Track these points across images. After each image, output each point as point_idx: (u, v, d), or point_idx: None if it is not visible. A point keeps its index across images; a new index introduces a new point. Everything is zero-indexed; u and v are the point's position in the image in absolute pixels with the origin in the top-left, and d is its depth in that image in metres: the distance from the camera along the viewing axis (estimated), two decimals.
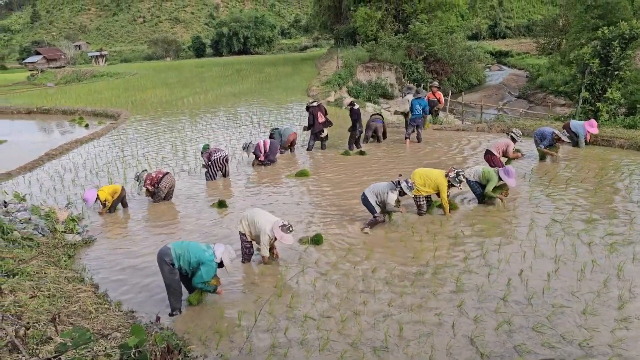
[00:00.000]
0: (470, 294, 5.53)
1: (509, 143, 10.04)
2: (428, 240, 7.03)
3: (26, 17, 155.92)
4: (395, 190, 7.38)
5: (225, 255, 5.51)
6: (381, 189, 7.48)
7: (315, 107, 12.91)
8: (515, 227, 7.36)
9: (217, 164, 10.81)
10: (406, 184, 7.34)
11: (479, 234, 7.21)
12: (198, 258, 5.38)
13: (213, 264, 5.41)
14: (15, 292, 4.97)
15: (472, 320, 5.01)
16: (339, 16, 45.11)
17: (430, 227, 7.55)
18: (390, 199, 7.37)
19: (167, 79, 37.97)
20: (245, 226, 6.55)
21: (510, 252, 6.48)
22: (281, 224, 6.28)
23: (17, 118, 25.65)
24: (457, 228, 7.48)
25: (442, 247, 6.78)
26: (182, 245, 5.51)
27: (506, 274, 5.94)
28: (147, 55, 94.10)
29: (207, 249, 5.49)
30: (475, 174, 8.45)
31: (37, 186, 11.03)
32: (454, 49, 32.47)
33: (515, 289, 5.57)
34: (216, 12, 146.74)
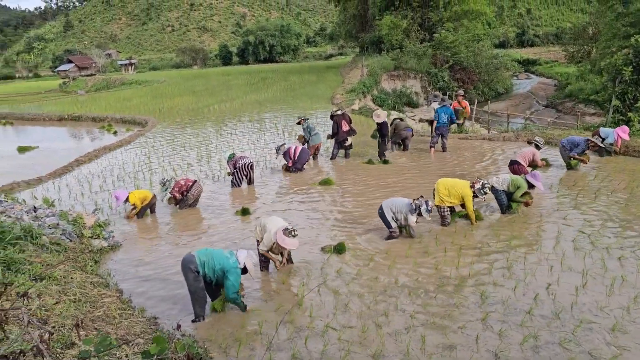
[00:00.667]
0: (495, 307, 5.41)
1: (535, 151, 9.89)
2: (452, 251, 6.93)
3: (59, 26, 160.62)
4: (414, 212, 7.26)
5: (248, 261, 5.52)
6: (399, 207, 7.37)
7: (339, 115, 12.92)
8: (542, 239, 7.20)
9: (242, 170, 10.89)
10: (425, 207, 7.17)
11: (504, 245, 7.07)
12: (222, 265, 5.41)
13: (237, 270, 5.42)
14: (42, 296, 5.06)
15: (497, 335, 4.90)
16: (364, 24, 45.22)
17: (455, 238, 7.44)
18: (411, 220, 7.27)
19: (194, 87, 38.53)
20: (259, 232, 6.61)
21: (537, 265, 6.34)
22: (284, 227, 6.22)
23: (49, 125, 26.34)
24: (482, 239, 7.36)
25: (466, 259, 6.67)
26: (206, 253, 5.55)
27: (532, 287, 5.80)
28: (175, 63, 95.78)
29: (230, 255, 5.50)
30: (503, 182, 8.30)
31: (66, 192, 11.28)
32: (480, 57, 32.13)
33: (542, 302, 5.43)
34: (243, 21, 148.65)
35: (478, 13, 34.75)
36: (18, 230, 6.40)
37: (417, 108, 28.38)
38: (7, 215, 7.32)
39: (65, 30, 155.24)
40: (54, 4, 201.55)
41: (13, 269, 5.59)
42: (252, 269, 5.59)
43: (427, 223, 8.06)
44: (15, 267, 5.65)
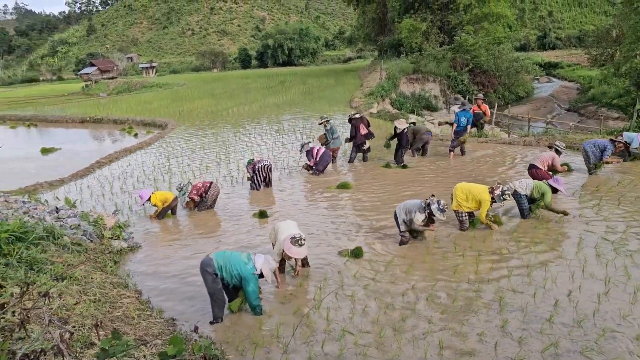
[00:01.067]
0: (515, 314, 5.33)
1: (554, 156, 9.74)
2: (470, 256, 6.85)
3: (82, 30, 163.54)
4: (423, 211, 7.17)
5: (265, 266, 5.52)
6: (410, 208, 7.31)
7: (357, 119, 12.91)
8: (563, 245, 7.08)
9: (261, 171, 10.95)
10: (437, 206, 7.08)
11: (524, 251, 6.97)
12: (239, 271, 5.43)
13: (255, 277, 5.45)
14: (63, 295, 5.14)
15: (517, 342, 4.82)
16: (383, 28, 45.12)
17: (473, 243, 7.36)
18: (417, 218, 7.19)
19: (214, 90, 38.86)
20: (272, 237, 6.67)
21: (558, 272, 6.23)
22: (292, 236, 6.08)
23: (72, 127, 26.83)
24: (502, 244, 7.26)
25: (485, 264, 6.59)
26: (224, 256, 5.58)
27: (553, 294, 5.70)
28: (195, 66, 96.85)
29: (247, 261, 5.51)
30: (527, 187, 8.18)
31: (88, 193, 11.45)
32: (500, 60, 31.84)
33: (563, 310, 5.34)
34: (262, 25, 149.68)
35: (499, 16, 34.41)
36: (41, 231, 6.51)
37: (436, 112, 28.21)
38: (30, 215, 7.46)
39: (88, 34, 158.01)
40: (77, 8, 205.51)
41: (35, 269, 5.69)
42: (269, 275, 5.58)
43: (446, 228, 7.99)
44: (38, 266, 5.76)
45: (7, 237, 5.72)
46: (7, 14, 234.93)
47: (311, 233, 8.07)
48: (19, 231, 5.98)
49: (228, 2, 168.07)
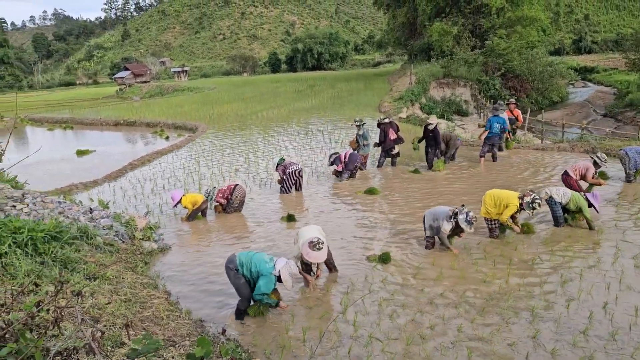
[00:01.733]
0: (547, 324, 5.19)
1: (589, 166, 9.30)
2: (501, 264, 6.71)
3: (117, 35, 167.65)
4: (450, 220, 7.02)
5: (284, 270, 5.48)
6: (438, 215, 7.19)
7: (386, 123, 12.83)
8: (599, 256, 6.86)
9: (292, 177, 10.97)
10: (465, 217, 6.89)
11: (558, 260, 6.78)
12: (258, 268, 5.49)
13: (272, 277, 5.45)
14: (96, 295, 5.24)
15: (549, 354, 4.69)
16: (413, 32, 44.83)
17: (504, 251, 7.21)
18: (444, 227, 7.05)
19: (244, 94, 39.28)
20: (295, 241, 6.62)
21: (593, 282, 6.04)
22: (310, 240, 6.02)
23: (106, 129, 27.50)
24: (534, 253, 7.09)
25: (517, 273, 6.44)
26: (247, 255, 5.66)
27: (587, 305, 5.53)
28: (226, 70, 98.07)
29: (269, 261, 5.56)
30: (564, 195, 7.97)
31: (120, 194, 11.70)
32: (534, 64, 31.21)
33: (598, 322, 5.17)
34: (292, 29, 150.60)
35: (532, 19, 33.75)
36: (75, 231, 6.67)
37: (467, 116, 27.85)
38: (65, 215, 7.66)
39: (123, 39, 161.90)
40: (113, 14, 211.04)
41: (69, 268, 5.83)
42: (288, 279, 5.51)
43: (476, 235, 7.85)
44: (72, 265, 5.89)
45: (43, 236, 5.88)
46: (47, 19, 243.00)
47: (340, 238, 8.05)
48: (55, 231, 6.14)
49: (259, 7, 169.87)
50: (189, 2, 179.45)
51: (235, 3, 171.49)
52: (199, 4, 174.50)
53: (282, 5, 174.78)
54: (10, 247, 5.45)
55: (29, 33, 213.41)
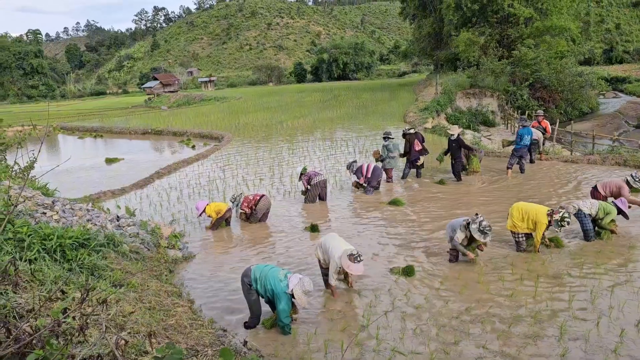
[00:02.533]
0: (577, 343, 5.04)
1: (622, 185, 8.84)
2: (528, 279, 6.56)
3: (147, 46, 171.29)
4: (464, 230, 6.91)
5: (297, 288, 5.37)
6: (456, 225, 7.10)
7: (412, 134, 12.73)
8: (631, 272, 6.65)
9: (316, 187, 10.96)
10: (477, 226, 6.74)
11: (588, 275, 6.60)
12: (272, 286, 5.44)
13: (287, 295, 5.40)
14: (121, 302, 5.30)
15: None
16: (439, 42, 44.68)
17: (532, 265, 7.04)
18: (457, 237, 6.95)
19: (269, 104, 39.60)
20: (320, 253, 6.52)
21: (625, 299, 5.84)
22: (349, 252, 6.02)
23: (134, 138, 28.02)
24: (563, 268, 6.91)
25: (545, 288, 6.29)
26: (263, 270, 5.64)
27: (619, 323, 5.35)
28: (252, 80, 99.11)
29: (284, 278, 5.47)
30: (592, 206, 7.79)
31: (147, 202, 11.87)
32: (563, 75, 30.69)
33: (631, 341, 4.99)
34: (318, 40, 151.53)
35: (561, 29, 33.22)
36: (102, 238, 6.78)
37: (494, 127, 27.51)
38: (93, 223, 7.79)
39: (152, 50, 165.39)
40: (143, 25, 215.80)
41: (96, 275, 5.92)
42: (301, 297, 5.41)
43: (502, 248, 7.71)
44: (98, 272, 5.99)
45: (71, 243, 5.99)
46: (80, 31, 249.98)
47: (363, 250, 7.99)
48: (82, 238, 6.25)
49: (285, 17, 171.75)
50: (217, 14, 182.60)
51: (261, 14, 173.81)
52: (226, 15, 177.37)
53: (308, 16, 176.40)
54: (40, 253, 5.56)
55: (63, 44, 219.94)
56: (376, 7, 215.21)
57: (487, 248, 7.68)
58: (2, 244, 5.42)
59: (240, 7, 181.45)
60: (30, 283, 5.11)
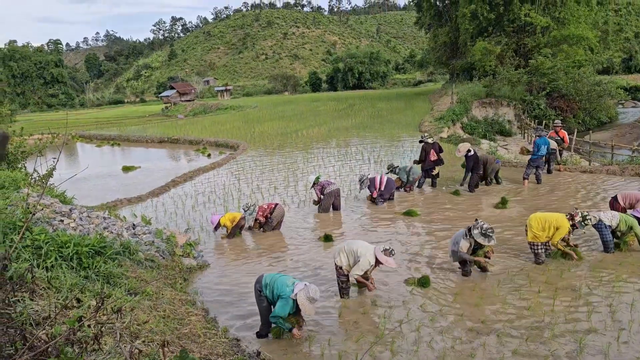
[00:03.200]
0: (596, 357, 4.93)
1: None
2: (546, 292, 6.45)
3: (164, 55, 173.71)
4: (467, 238, 6.84)
5: (301, 293, 5.34)
6: (458, 236, 7.05)
7: (429, 144, 12.64)
8: None
9: (330, 196, 10.95)
10: (479, 231, 6.68)
11: (607, 288, 6.46)
12: (279, 291, 5.47)
13: (289, 300, 5.39)
14: (135, 310, 5.33)
15: None
16: (455, 51, 44.57)
17: (550, 277, 6.93)
18: (461, 246, 6.86)
19: (284, 112, 39.78)
20: (344, 258, 6.50)
21: None
22: (383, 248, 6.40)
23: (151, 146, 28.33)
24: (581, 280, 6.78)
25: (563, 301, 6.17)
26: (273, 277, 5.68)
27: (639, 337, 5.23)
28: (267, 89, 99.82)
29: (290, 284, 5.50)
30: (612, 218, 7.66)
31: (162, 210, 11.96)
32: (581, 84, 30.33)
33: None
34: (333, 49, 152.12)
35: (579, 38, 32.91)
36: (118, 246, 6.83)
37: (510, 137, 27.27)
38: (110, 231, 7.87)
39: (169, 59, 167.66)
40: (161, 35, 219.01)
41: (112, 283, 5.96)
42: (305, 304, 5.34)
43: (519, 260, 7.61)
44: (114, 280, 6.03)
45: (88, 251, 6.04)
46: (99, 40, 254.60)
47: None
48: (99, 246, 6.31)
49: (301, 27, 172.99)
50: (234, 24, 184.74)
51: (277, 24, 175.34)
52: (243, 25, 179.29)
53: (324, 26, 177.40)
54: (57, 261, 5.62)
55: (82, 53, 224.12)
56: (392, 16, 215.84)
57: (502, 260, 7.60)
58: (20, 251, 5.49)
59: (256, 17, 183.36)
60: (47, 290, 5.16)
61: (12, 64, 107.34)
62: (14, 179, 9.23)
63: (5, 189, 8.42)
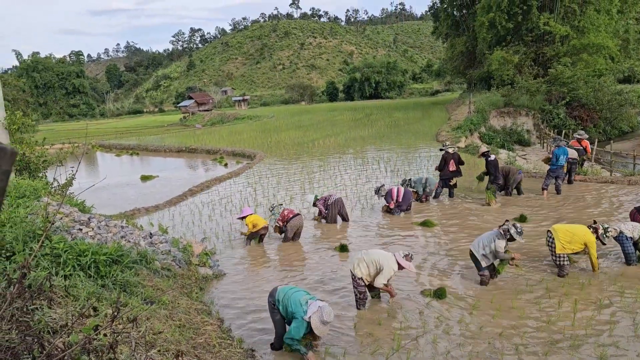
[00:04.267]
0: None
1: None
2: (567, 305, 6.32)
3: (183, 66, 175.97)
4: (503, 237, 6.99)
5: (315, 317, 5.18)
6: (486, 241, 7.10)
7: (450, 153, 12.55)
8: None
9: (334, 207, 10.92)
10: (515, 230, 6.96)
11: (629, 302, 6.31)
12: (293, 310, 5.35)
13: (303, 322, 5.24)
14: (152, 319, 5.35)
15: None
16: (473, 61, 44.37)
17: (570, 290, 6.79)
18: (499, 246, 6.96)
19: (301, 122, 39.91)
20: (364, 269, 6.48)
21: None
22: (403, 254, 6.59)
23: (169, 156, 28.62)
24: (603, 293, 6.63)
25: (583, 314, 6.04)
26: (287, 292, 5.55)
27: None
28: (284, 99, 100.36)
29: (304, 304, 5.33)
30: (633, 229, 7.52)
31: (179, 219, 12.04)
32: (601, 93, 29.92)
33: None
34: (350, 59, 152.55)
35: (599, 47, 32.50)
36: (135, 255, 6.88)
37: (529, 146, 26.97)
38: (127, 239, 7.93)
39: (188, 70, 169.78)
40: (180, 46, 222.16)
41: (128, 291, 6.00)
42: (319, 327, 5.19)
43: (537, 272, 7.48)
44: (130, 289, 6.06)
45: (105, 259, 6.10)
46: (119, 52, 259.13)
47: None
48: (116, 254, 6.36)
49: (318, 37, 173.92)
50: (251, 34, 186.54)
51: (295, 34, 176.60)
52: (260, 35, 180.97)
53: (341, 36, 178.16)
54: (75, 269, 5.68)
55: (103, 64, 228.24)
56: (409, 26, 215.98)
57: (523, 272, 7.48)
58: (39, 259, 5.56)
59: (274, 28, 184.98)
60: (65, 298, 5.22)
61: (35, 75, 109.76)
62: (35, 188, 9.38)
63: (26, 197, 8.55)
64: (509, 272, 7.41)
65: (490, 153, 12.55)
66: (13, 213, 6.83)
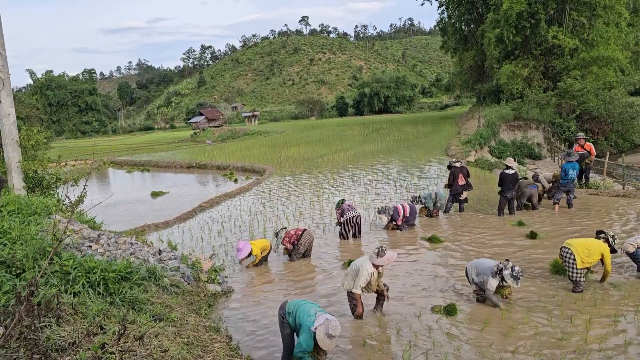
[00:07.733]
0: None
1: None
2: (579, 321, 6.21)
3: (194, 82, 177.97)
4: (496, 276, 6.64)
5: (320, 329, 5.10)
6: (483, 269, 6.85)
7: (457, 167, 12.52)
8: None
9: (349, 223, 10.83)
10: (510, 272, 6.52)
11: None
12: (301, 321, 5.33)
13: (310, 333, 5.19)
14: (160, 336, 5.34)
15: None
16: (482, 75, 44.40)
17: (582, 306, 6.68)
18: (490, 285, 6.68)
19: (311, 137, 40.05)
20: (350, 280, 6.60)
21: None
22: (374, 252, 6.51)
23: (179, 172, 28.81)
24: (617, 308, 6.51)
25: (597, 332, 5.93)
26: (297, 304, 5.56)
27: None
28: (294, 114, 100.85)
29: (313, 315, 5.30)
30: None
31: (189, 236, 12.06)
32: (612, 105, 29.73)
33: None
34: (359, 74, 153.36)
35: (609, 59, 32.40)
36: (144, 271, 6.88)
37: (540, 160, 26.82)
38: (136, 256, 7.96)
39: (198, 86, 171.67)
40: (190, 63, 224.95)
41: (137, 308, 6.00)
42: (323, 339, 5.09)
43: (550, 288, 7.38)
44: (139, 306, 6.06)
45: (114, 276, 6.11)
46: (131, 69, 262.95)
47: (402, 285, 7.82)
48: (125, 271, 6.37)
49: (327, 53, 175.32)
50: (261, 51, 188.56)
51: (304, 50, 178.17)
52: (270, 52, 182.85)
53: (350, 51, 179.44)
54: (84, 287, 5.70)
55: (115, 82, 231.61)
56: (417, 41, 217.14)
57: (534, 288, 7.39)
58: (49, 276, 5.59)
59: (283, 44, 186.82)
60: (74, 316, 5.23)
61: (48, 93, 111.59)
62: (46, 205, 9.46)
63: (37, 214, 8.63)
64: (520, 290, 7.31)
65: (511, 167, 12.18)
66: (24, 230, 6.89)
